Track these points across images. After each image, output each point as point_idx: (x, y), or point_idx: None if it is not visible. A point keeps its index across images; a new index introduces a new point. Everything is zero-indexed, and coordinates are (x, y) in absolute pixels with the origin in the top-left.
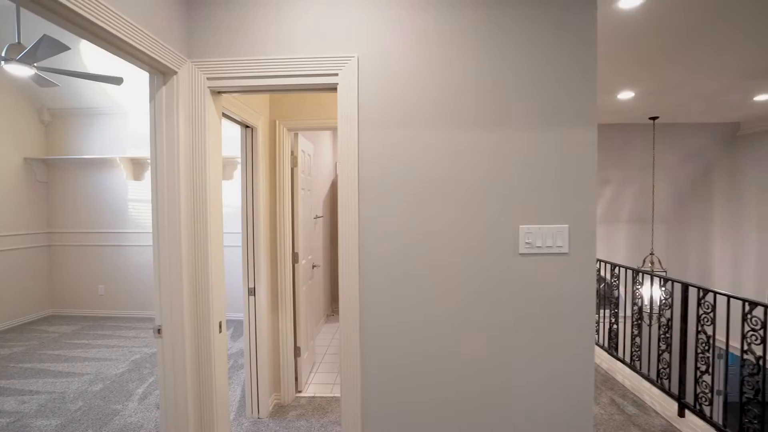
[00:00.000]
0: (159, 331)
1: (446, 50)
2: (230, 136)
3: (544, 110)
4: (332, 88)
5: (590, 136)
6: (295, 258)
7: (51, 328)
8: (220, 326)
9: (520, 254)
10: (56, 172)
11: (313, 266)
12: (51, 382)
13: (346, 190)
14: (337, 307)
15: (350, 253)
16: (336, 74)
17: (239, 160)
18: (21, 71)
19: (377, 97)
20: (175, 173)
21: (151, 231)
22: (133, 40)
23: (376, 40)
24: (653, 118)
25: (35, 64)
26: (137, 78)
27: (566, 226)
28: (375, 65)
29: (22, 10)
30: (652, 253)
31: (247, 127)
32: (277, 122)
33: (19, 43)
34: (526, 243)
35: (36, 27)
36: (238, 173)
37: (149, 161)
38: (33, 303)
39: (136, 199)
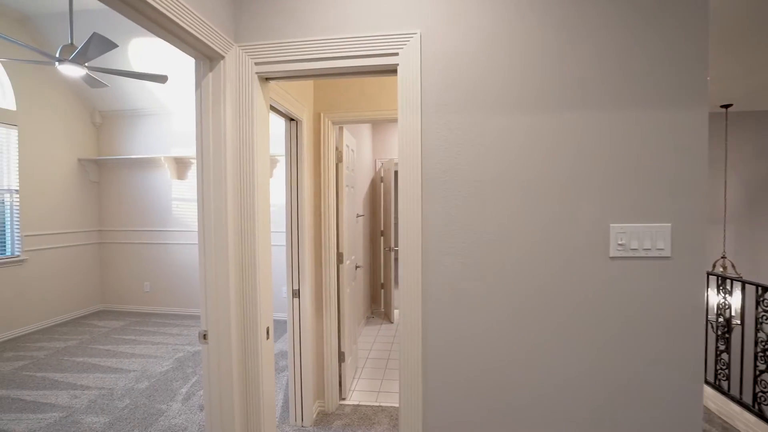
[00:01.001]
0: (205, 336)
1: (523, 22)
2: (271, 132)
3: (642, 89)
4: (391, 70)
5: (699, 119)
6: (339, 258)
7: (101, 323)
8: (268, 332)
9: (611, 258)
10: (106, 172)
11: (356, 267)
12: (100, 378)
13: (408, 185)
14: (377, 309)
15: (412, 258)
16: (396, 53)
17: (278, 157)
18: (73, 71)
19: (443, 78)
20: (222, 168)
21: (193, 229)
22: (182, 21)
23: (440, 13)
24: (725, 106)
25: (86, 64)
26: (180, 78)
27: (668, 225)
28: (439, 42)
29: (74, 12)
30: (724, 257)
31: (292, 120)
32: (322, 115)
33: (71, 44)
34: (619, 244)
35: (88, 30)
36: (277, 171)
37: (192, 160)
38: (85, 298)
39: (180, 198)
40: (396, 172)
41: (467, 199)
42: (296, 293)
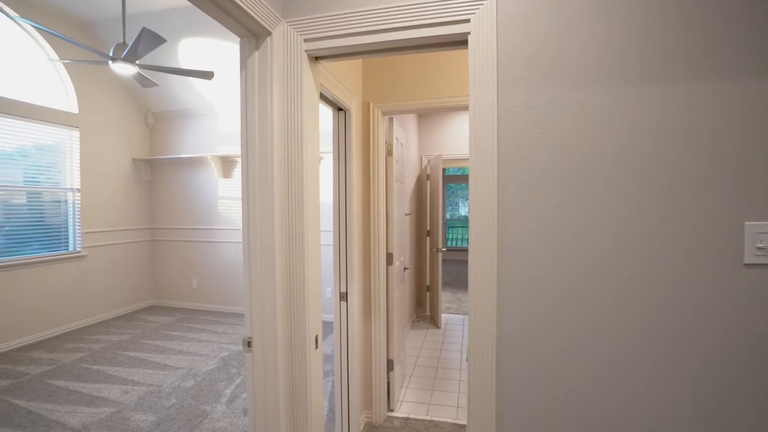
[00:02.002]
0: (249, 344)
1: None
2: None
3: None
4: (461, 42)
5: None
6: (389, 260)
7: (152, 318)
8: (317, 341)
9: (746, 265)
10: (158, 171)
11: (405, 269)
12: (149, 374)
13: (481, 174)
14: (422, 312)
15: (484, 262)
16: (467, 20)
17: (321, 154)
18: (126, 69)
19: (523, 47)
20: (268, 160)
21: (238, 228)
22: None
23: None
24: None
25: (137, 62)
26: (226, 77)
27: None
28: (519, 4)
29: (128, 16)
30: None
31: (340, 110)
32: (371, 105)
33: (124, 42)
34: (758, 248)
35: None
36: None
37: (237, 158)
38: (138, 293)
39: (226, 197)
40: (444, 170)
41: (553, 190)
42: (343, 296)
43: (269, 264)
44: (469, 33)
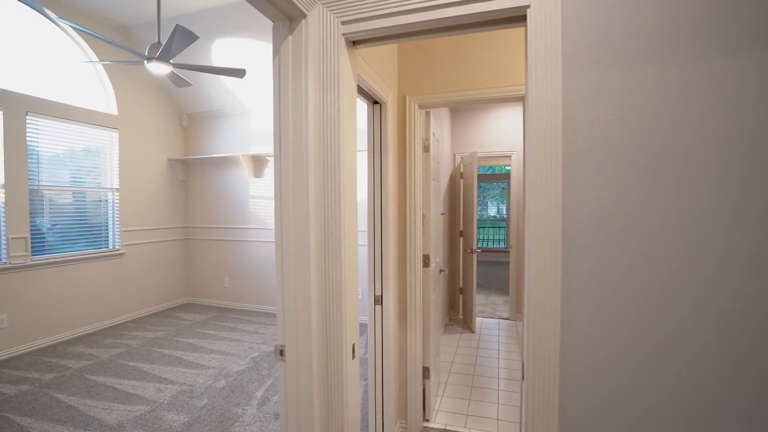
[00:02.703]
0: (281, 353)
1: None
2: None
3: None
4: (516, 18)
5: None
6: (425, 261)
7: (186, 316)
8: (353, 350)
9: None
10: (192, 171)
11: (441, 271)
12: (182, 373)
13: (540, 166)
14: (455, 315)
15: (545, 270)
16: None
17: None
18: (160, 69)
19: (594, 20)
20: (303, 155)
21: (269, 227)
22: None
23: None
24: None
25: (171, 61)
26: (258, 77)
27: None
28: None
29: (163, 19)
30: None
31: (375, 103)
32: (407, 98)
33: (158, 42)
34: None
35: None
36: None
37: (268, 158)
38: (173, 291)
39: (257, 196)
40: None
41: (631, 185)
42: (378, 300)
43: (304, 268)
44: (528, 6)
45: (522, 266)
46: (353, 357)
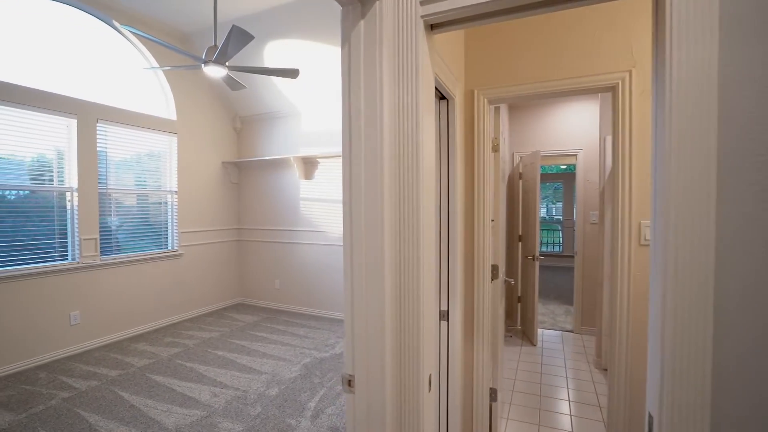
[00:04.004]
0: (349, 383)
1: None
2: None
3: None
4: None
5: None
6: (494, 273)
7: (239, 316)
8: (430, 382)
9: None
10: (244, 173)
11: (505, 281)
12: (236, 377)
13: (686, 169)
14: (512, 326)
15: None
16: None
17: None
18: (216, 72)
19: None
20: (377, 156)
21: (319, 229)
22: None
23: None
24: None
25: (227, 64)
26: (308, 78)
27: None
28: None
29: (219, 24)
30: None
31: (442, 98)
32: (476, 92)
33: (215, 45)
34: None
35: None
36: None
37: (319, 159)
38: (226, 291)
39: (307, 198)
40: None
41: None
42: (444, 315)
43: (377, 288)
44: None
45: (591, 275)
46: (429, 389)
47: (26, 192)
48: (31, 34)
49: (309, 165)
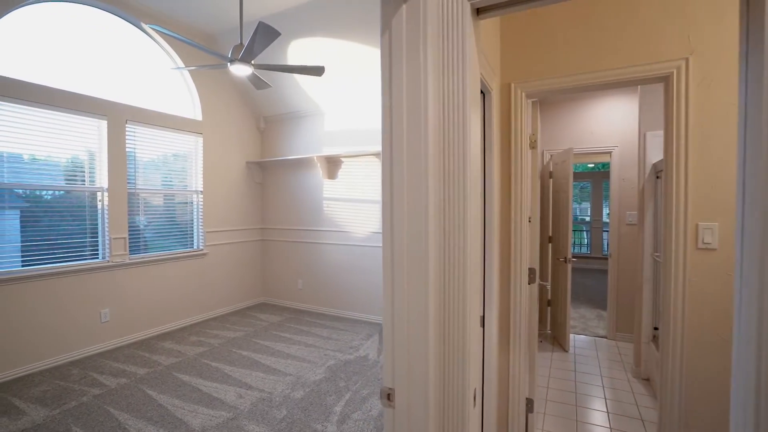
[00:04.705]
0: (389, 396)
1: None
2: None
3: None
4: None
5: None
6: (531, 277)
7: (262, 316)
8: (475, 396)
9: None
10: (268, 173)
11: (540, 283)
12: (261, 378)
13: None
14: (543, 330)
15: None
16: None
17: None
18: (242, 71)
19: None
20: (421, 153)
21: (343, 229)
22: None
23: None
24: None
25: (252, 62)
26: (332, 77)
27: None
28: None
29: (244, 24)
30: None
31: (479, 92)
32: (513, 86)
33: (241, 43)
34: None
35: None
36: None
37: (343, 158)
38: (250, 291)
39: (330, 198)
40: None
41: None
42: (481, 320)
43: (420, 295)
44: None
45: (628, 278)
46: (474, 405)
47: (61, 192)
48: (63, 38)
49: (332, 164)
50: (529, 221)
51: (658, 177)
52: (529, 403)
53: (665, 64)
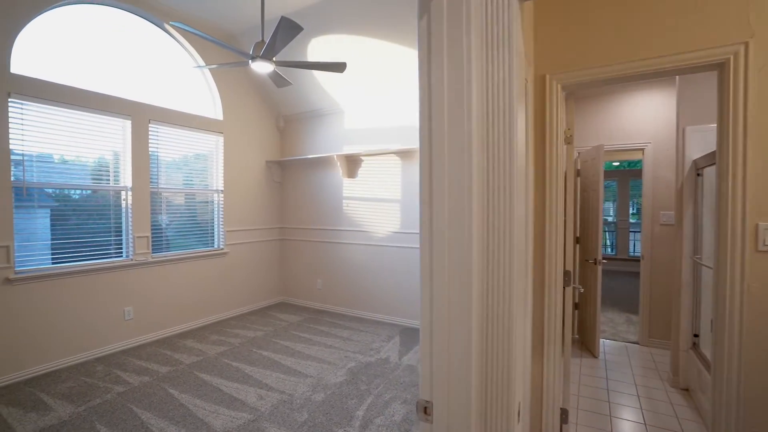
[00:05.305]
0: (426, 410)
1: None
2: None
3: None
4: None
5: None
6: (566, 279)
7: (282, 316)
8: (519, 410)
9: None
10: (287, 172)
11: (574, 288)
12: (282, 380)
13: None
14: (571, 334)
15: None
16: None
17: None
18: (263, 68)
19: None
20: (464, 146)
21: (363, 230)
22: None
23: None
24: None
25: (273, 59)
26: (351, 75)
27: None
28: None
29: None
30: None
31: None
32: (548, 78)
33: (262, 40)
34: None
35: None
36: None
37: (363, 157)
38: (269, 290)
39: (350, 197)
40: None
41: None
42: None
43: (462, 303)
44: None
45: (663, 282)
46: (518, 420)
47: (88, 191)
48: (88, 40)
49: (352, 163)
50: (565, 223)
51: (698, 174)
52: (564, 414)
53: (720, 49)
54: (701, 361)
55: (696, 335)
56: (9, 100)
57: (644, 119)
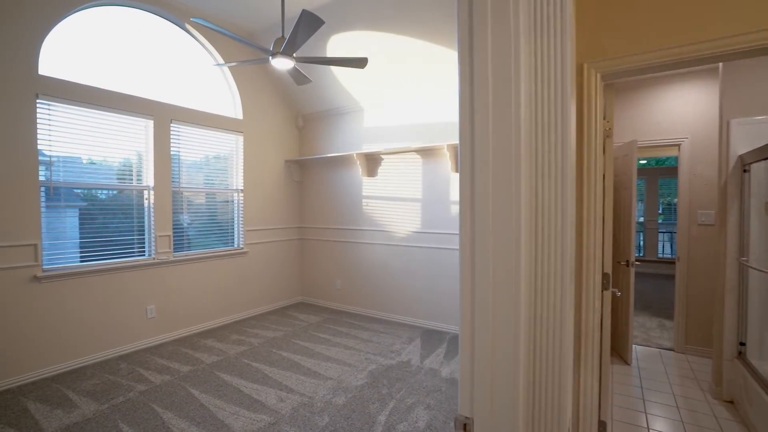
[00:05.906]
0: (465, 427)
1: None
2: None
3: None
4: None
5: None
6: (605, 283)
7: (301, 316)
8: (569, 427)
9: None
10: (306, 172)
11: (612, 291)
12: (302, 381)
13: None
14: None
15: None
16: None
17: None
18: (284, 64)
19: None
20: (510, 139)
21: (383, 229)
22: None
23: None
24: None
25: (294, 55)
26: (371, 72)
27: None
28: None
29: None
30: None
31: None
32: (585, 66)
33: (282, 36)
34: None
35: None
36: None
37: (383, 156)
38: (289, 290)
39: (370, 196)
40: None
41: None
42: None
43: (508, 310)
44: None
45: (702, 285)
46: None
47: (113, 191)
48: (111, 40)
49: (372, 162)
50: (604, 220)
51: (745, 171)
52: (602, 426)
53: None
54: (750, 372)
55: (742, 343)
56: (37, 101)
57: (680, 113)
